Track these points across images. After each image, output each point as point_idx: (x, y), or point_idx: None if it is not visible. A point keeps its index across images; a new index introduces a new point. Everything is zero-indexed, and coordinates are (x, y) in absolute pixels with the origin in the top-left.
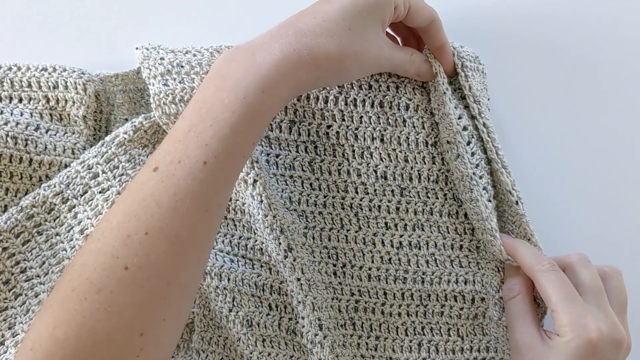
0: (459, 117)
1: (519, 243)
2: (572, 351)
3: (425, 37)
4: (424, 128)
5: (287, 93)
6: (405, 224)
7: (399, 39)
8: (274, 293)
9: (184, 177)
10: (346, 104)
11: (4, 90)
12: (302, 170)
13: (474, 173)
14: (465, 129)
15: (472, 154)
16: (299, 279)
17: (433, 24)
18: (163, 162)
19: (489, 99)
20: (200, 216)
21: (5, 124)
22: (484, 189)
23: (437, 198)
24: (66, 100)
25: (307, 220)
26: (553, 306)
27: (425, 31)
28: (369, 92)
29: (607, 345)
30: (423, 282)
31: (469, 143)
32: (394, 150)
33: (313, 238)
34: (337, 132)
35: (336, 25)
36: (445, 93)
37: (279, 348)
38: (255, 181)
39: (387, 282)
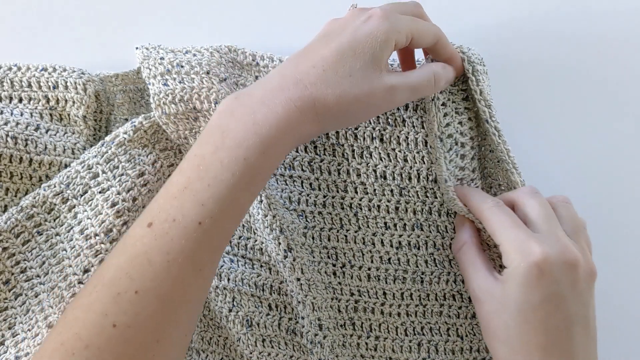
0: (447, 125)
1: (469, 189)
2: (521, 278)
3: (431, 52)
4: (423, 127)
5: (288, 148)
6: (405, 224)
7: None
8: (274, 293)
9: (177, 237)
10: None
11: (4, 90)
12: (302, 170)
13: (449, 178)
14: (450, 136)
15: (450, 161)
16: (298, 279)
17: (438, 43)
18: (158, 219)
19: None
20: (193, 276)
21: (5, 124)
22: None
23: (436, 197)
24: (66, 100)
25: (306, 220)
26: (498, 238)
27: (431, 49)
28: None
29: (557, 267)
30: (422, 281)
31: (449, 150)
32: (394, 149)
33: (313, 238)
34: (337, 132)
35: (335, 74)
36: (432, 100)
37: (279, 348)
38: None
39: (386, 282)
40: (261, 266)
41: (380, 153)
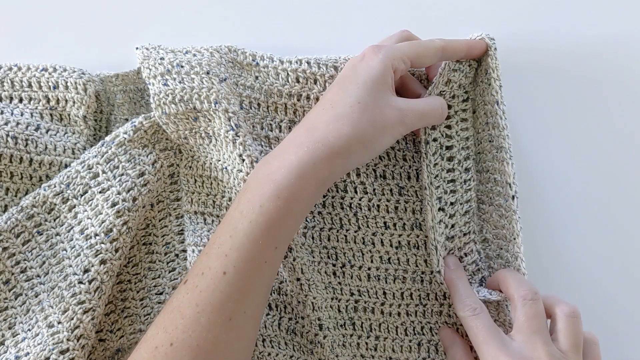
0: (432, 128)
1: (455, 280)
2: None
3: (448, 59)
4: None
5: (309, 193)
6: (404, 223)
7: None
8: (274, 293)
9: (205, 289)
10: None
11: (5, 90)
12: None
13: (430, 182)
14: (435, 140)
15: (435, 165)
16: (298, 279)
17: (446, 52)
18: (191, 275)
19: None
20: (222, 325)
21: (6, 124)
22: (438, 198)
23: None
24: (66, 100)
25: (306, 220)
26: (476, 350)
27: (443, 60)
28: None
29: None
30: (422, 281)
31: (434, 154)
32: (393, 148)
33: (312, 238)
34: None
35: (344, 105)
36: None
37: (279, 348)
38: None
39: (386, 282)
40: None
41: None
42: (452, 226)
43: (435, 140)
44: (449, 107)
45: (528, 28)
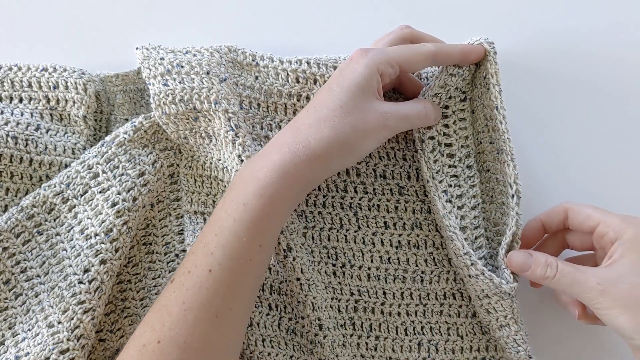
0: (428, 127)
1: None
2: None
3: (439, 65)
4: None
5: (291, 193)
6: (404, 223)
7: None
8: (274, 293)
9: (191, 287)
10: None
11: (5, 90)
12: None
13: (432, 177)
14: (431, 138)
15: (435, 161)
16: (298, 279)
17: (436, 57)
18: (178, 274)
19: None
20: (209, 322)
21: (6, 124)
22: (443, 191)
23: None
24: (66, 101)
25: (306, 220)
26: (596, 219)
27: (435, 65)
28: None
29: None
30: (422, 281)
31: (432, 151)
32: (393, 148)
33: (312, 238)
34: None
35: (327, 109)
36: None
37: (279, 348)
38: None
39: (386, 282)
40: None
41: (379, 152)
42: (462, 217)
43: (432, 138)
44: (447, 107)
45: (528, 30)
